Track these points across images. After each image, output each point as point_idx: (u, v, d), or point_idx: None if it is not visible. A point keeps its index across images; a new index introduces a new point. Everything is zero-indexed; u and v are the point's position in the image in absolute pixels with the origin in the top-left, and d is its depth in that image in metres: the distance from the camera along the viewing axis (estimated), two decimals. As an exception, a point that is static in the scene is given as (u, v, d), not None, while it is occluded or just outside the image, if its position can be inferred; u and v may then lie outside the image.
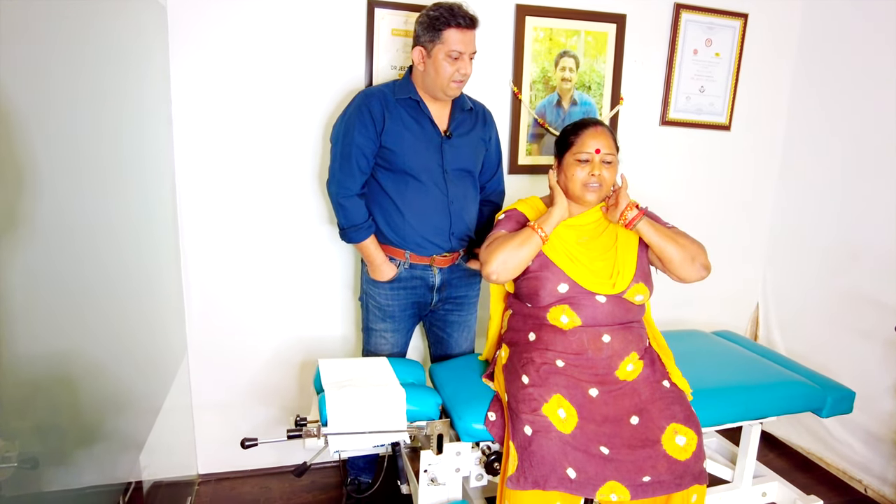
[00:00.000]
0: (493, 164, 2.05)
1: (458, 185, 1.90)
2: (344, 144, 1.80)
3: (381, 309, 1.96)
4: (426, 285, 1.95)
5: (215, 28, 1.96)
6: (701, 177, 2.64)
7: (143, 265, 1.64)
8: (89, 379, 1.21)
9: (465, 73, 1.77)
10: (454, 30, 1.72)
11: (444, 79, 1.76)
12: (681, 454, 1.47)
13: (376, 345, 2.00)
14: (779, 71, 2.63)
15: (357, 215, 1.84)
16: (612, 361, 1.61)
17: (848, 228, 2.41)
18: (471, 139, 1.92)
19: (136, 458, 1.55)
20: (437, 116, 1.87)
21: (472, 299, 2.08)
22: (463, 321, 2.07)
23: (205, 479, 2.28)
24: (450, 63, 1.75)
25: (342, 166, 1.81)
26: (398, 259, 1.91)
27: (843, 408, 1.91)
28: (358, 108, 1.81)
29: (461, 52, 1.74)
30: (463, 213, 1.92)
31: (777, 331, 2.74)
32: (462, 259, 2.00)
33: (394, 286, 1.93)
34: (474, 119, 1.96)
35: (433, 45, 1.74)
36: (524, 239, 1.59)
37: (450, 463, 1.66)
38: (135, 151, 1.59)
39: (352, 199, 1.83)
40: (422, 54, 1.78)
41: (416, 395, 1.64)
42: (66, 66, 1.13)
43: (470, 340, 2.12)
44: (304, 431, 1.51)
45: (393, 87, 1.86)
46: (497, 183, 2.08)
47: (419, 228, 1.87)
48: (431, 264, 1.92)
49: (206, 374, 2.19)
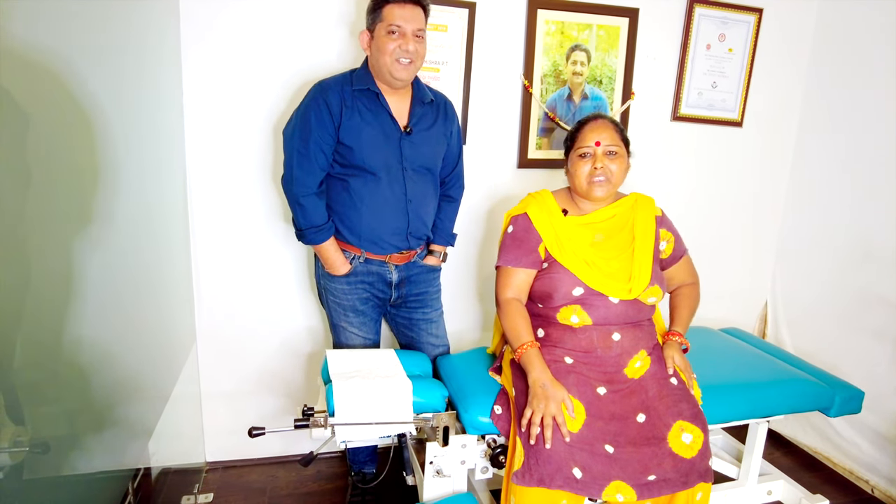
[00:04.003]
0: (453, 159, 1.97)
1: (417, 182, 1.83)
2: (301, 140, 1.72)
3: (340, 304, 1.90)
4: (383, 281, 1.90)
5: (227, 15, 1.95)
6: (712, 173, 2.62)
7: (153, 254, 1.65)
8: (100, 366, 1.22)
9: (408, 50, 1.68)
10: (393, 5, 1.66)
11: (387, 56, 1.68)
12: (687, 452, 1.47)
13: (346, 340, 1.94)
14: (793, 67, 2.60)
15: (317, 216, 1.77)
16: (621, 359, 1.61)
17: (860, 227, 2.39)
18: (431, 135, 1.85)
19: (146, 445, 1.56)
20: (396, 110, 1.79)
21: (433, 295, 2.02)
22: (428, 318, 2.01)
23: (212, 467, 2.30)
24: (391, 39, 1.67)
25: (300, 163, 1.73)
26: (352, 253, 1.85)
27: (851, 407, 1.90)
28: (315, 102, 1.72)
29: (401, 25, 1.66)
30: (421, 211, 1.86)
31: (785, 329, 2.72)
32: (419, 256, 1.95)
33: (350, 280, 1.87)
34: (435, 113, 1.87)
35: (375, 24, 1.69)
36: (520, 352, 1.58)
37: (455, 455, 1.67)
38: (148, 141, 1.60)
39: (311, 199, 1.75)
40: (367, 38, 1.72)
41: (423, 387, 1.64)
42: (82, 57, 1.13)
43: (442, 336, 2.05)
44: (311, 421, 1.52)
45: (350, 77, 1.77)
46: (457, 177, 2.01)
47: (375, 228, 1.81)
48: (388, 261, 1.88)
49: (214, 363, 2.21)
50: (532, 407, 1.47)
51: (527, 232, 1.69)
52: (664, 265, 1.76)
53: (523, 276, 1.68)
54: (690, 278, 1.82)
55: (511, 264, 1.69)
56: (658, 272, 1.68)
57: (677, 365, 1.62)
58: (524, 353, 1.57)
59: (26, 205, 0.92)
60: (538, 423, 1.44)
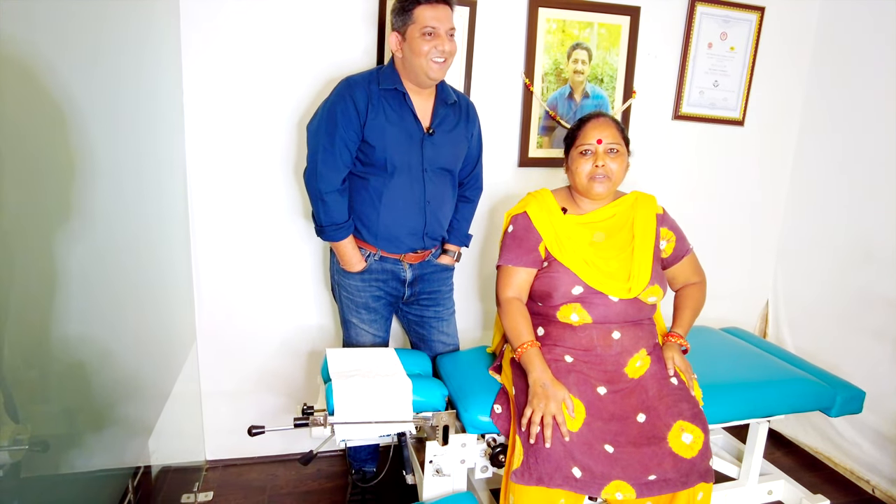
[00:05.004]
0: (473, 160, 1.98)
1: (436, 184, 1.83)
2: (327, 135, 1.72)
3: (353, 300, 1.91)
4: (397, 279, 1.91)
5: (228, 13, 1.95)
6: (713, 172, 2.61)
7: (154, 253, 1.65)
8: (100, 364, 1.22)
9: (444, 49, 1.68)
10: (424, 6, 1.64)
11: (423, 57, 1.67)
12: (687, 452, 1.46)
13: (356, 336, 1.95)
14: (794, 66, 2.59)
15: (338, 213, 1.78)
16: (621, 358, 1.60)
17: (861, 227, 2.38)
18: (453, 136, 1.85)
19: (145, 443, 1.56)
20: (421, 111, 1.79)
21: (446, 294, 2.03)
22: (440, 316, 2.02)
23: (212, 465, 2.30)
24: (426, 41, 1.66)
25: (325, 159, 1.73)
26: (368, 251, 1.86)
27: (852, 407, 1.90)
28: (342, 98, 1.72)
29: (435, 27, 1.65)
30: (438, 213, 1.87)
31: (786, 328, 2.72)
32: (433, 255, 1.96)
33: (364, 277, 1.88)
34: (458, 114, 1.88)
35: (406, 27, 1.67)
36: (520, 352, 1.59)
37: (455, 454, 1.67)
38: (148, 140, 1.59)
39: (334, 195, 1.75)
40: (398, 40, 1.71)
41: (423, 386, 1.64)
42: (82, 56, 1.13)
43: (452, 334, 2.07)
44: (310, 420, 1.52)
45: (377, 76, 1.76)
46: (475, 179, 2.03)
47: (392, 228, 1.82)
48: (402, 260, 1.89)
49: (214, 361, 2.21)
50: (532, 406, 1.47)
51: (527, 231, 1.69)
52: (666, 264, 1.76)
53: (523, 276, 1.68)
54: (696, 277, 1.81)
55: (511, 263, 1.69)
56: (658, 271, 1.67)
57: (677, 366, 1.61)
58: (524, 352, 1.57)
59: (7, 200, 0.91)
60: (538, 423, 1.44)
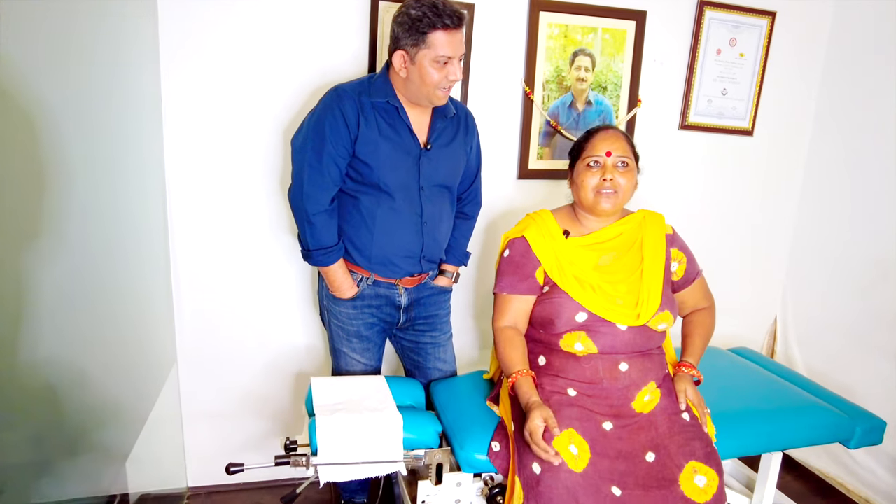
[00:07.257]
0: (471, 174, 1.85)
1: (434, 202, 1.70)
2: (314, 151, 1.57)
3: (343, 329, 1.78)
4: (392, 304, 1.78)
5: (209, 15, 1.83)
6: (721, 184, 2.51)
7: (131, 269, 1.57)
8: (72, 387, 1.16)
9: (454, 78, 1.55)
10: (441, 32, 1.47)
11: (431, 87, 1.54)
12: (700, 496, 1.35)
13: (346, 366, 1.82)
14: (806, 73, 2.49)
15: (327, 236, 1.64)
16: (628, 392, 1.49)
17: (876, 242, 2.28)
18: (452, 150, 1.72)
19: (121, 469, 1.49)
20: (417, 124, 1.65)
21: (443, 318, 1.90)
22: (437, 342, 1.88)
23: (194, 493, 2.19)
24: (437, 69, 1.51)
25: (311, 177, 1.58)
26: (360, 275, 1.72)
27: (872, 439, 1.79)
28: (330, 110, 1.57)
29: (450, 56, 1.51)
30: (436, 233, 1.74)
31: (796, 347, 2.62)
32: (430, 277, 1.83)
33: (356, 304, 1.74)
34: (456, 126, 1.73)
35: (417, 49, 1.50)
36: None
37: (449, 494, 1.56)
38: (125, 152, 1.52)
39: (322, 217, 1.61)
40: (404, 59, 1.53)
41: (415, 421, 1.53)
42: (54, 60, 1.05)
43: (450, 361, 1.93)
44: (292, 460, 1.41)
45: (368, 87, 1.61)
46: (474, 194, 1.89)
47: (387, 251, 1.68)
48: (397, 284, 1.76)
49: (196, 383, 2.10)
50: (530, 429, 1.36)
51: (523, 256, 1.58)
52: (676, 288, 1.65)
53: (520, 304, 1.58)
54: (705, 302, 1.70)
55: (507, 291, 1.58)
56: (669, 296, 1.57)
57: (690, 400, 1.50)
58: (515, 382, 1.48)
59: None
60: (540, 441, 1.34)
